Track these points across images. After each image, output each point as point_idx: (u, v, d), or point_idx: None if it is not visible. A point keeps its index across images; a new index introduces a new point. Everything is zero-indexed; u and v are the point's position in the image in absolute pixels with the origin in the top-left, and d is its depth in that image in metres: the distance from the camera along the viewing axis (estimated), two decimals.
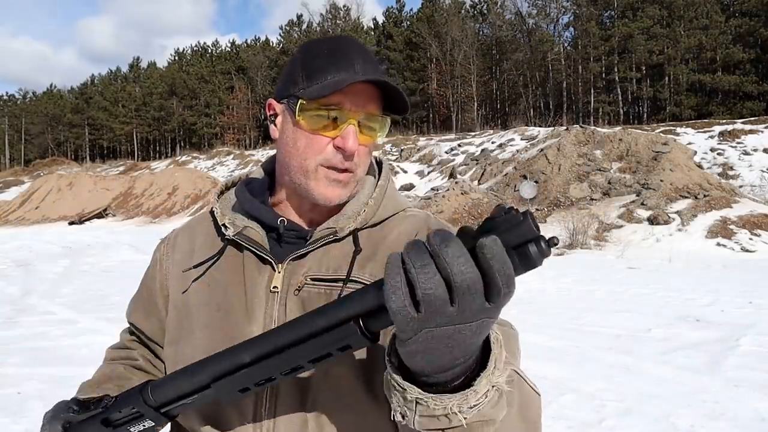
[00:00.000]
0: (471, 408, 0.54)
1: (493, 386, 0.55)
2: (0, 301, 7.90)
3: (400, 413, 0.57)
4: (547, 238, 0.51)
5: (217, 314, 0.84)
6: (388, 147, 28.51)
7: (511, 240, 0.50)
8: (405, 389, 0.55)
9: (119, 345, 1.01)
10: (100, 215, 27.67)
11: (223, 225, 0.87)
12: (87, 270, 11.22)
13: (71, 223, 25.96)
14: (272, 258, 0.83)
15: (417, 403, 0.54)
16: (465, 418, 0.54)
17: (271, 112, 0.88)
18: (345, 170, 0.82)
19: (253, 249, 0.85)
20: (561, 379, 4.37)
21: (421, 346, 0.51)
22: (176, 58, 70.49)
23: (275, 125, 0.87)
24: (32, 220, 28.49)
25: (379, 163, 0.97)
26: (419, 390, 0.54)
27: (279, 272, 0.83)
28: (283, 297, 0.82)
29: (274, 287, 0.82)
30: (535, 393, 0.70)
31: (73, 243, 17.32)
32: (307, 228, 0.87)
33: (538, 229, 0.50)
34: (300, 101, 0.80)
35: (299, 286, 0.82)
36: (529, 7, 53.87)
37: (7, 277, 10.28)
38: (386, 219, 0.89)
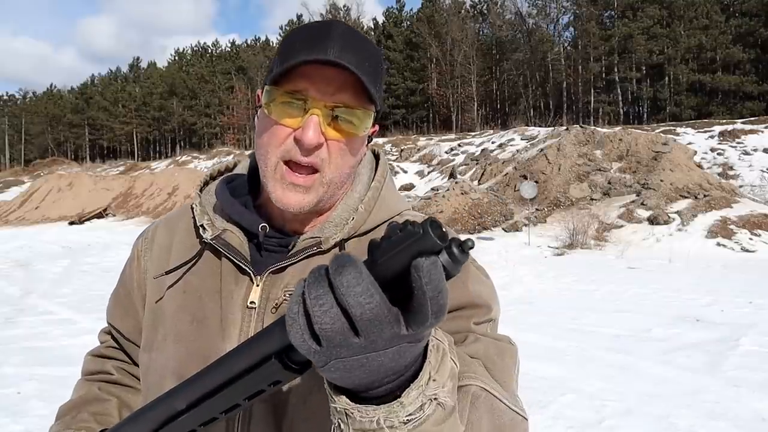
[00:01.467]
0: (405, 423, 0.48)
1: (433, 400, 0.49)
2: (0, 301, 7.90)
3: (337, 425, 0.52)
4: (460, 242, 0.45)
5: (191, 326, 0.78)
6: (387, 147, 28.51)
7: (406, 259, 0.44)
8: (335, 400, 0.50)
9: (96, 352, 0.98)
10: (100, 215, 27.66)
11: (201, 226, 0.80)
12: (87, 270, 11.21)
13: (71, 223, 25.95)
14: (251, 269, 0.77)
15: (346, 414, 0.49)
16: None
17: (258, 104, 0.79)
18: (310, 171, 0.73)
19: (231, 257, 0.78)
20: (561, 379, 4.38)
21: (335, 374, 0.47)
22: (176, 58, 70.55)
23: (257, 117, 0.79)
24: (32, 220, 28.48)
25: (377, 157, 0.88)
26: (346, 400, 0.49)
27: (257, 285, 0.76)
28: (261, 313, 0.75)
29: (251, 302, 0.76)
30: (518, 416, 0.64)
31: (73, 243, 17.32)
32: (291, 234, 0.80)
33: (444, 238, 0.44)
34: (266, 88, 0.72)
35: (277, 303, 0.74)
36: (529, 7, 53.91)
37: (7, 277, 10.28)
38: (378, 225, 0.80)
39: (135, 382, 0.93)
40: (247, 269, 0.77)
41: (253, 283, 0.77)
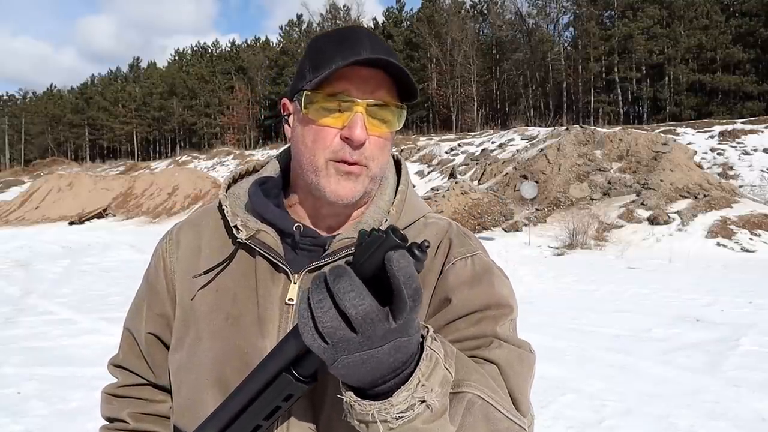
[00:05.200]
0: (397, 419, 0.56)
1: (422, 402, 0.56)
2: (0, 301, 7.90)
3: (346, 413, 0.60)
4: (419, 243, 0.55)
5: (226, 323, 0.80)
6: None
7: (380, 257, 0.53)
8: (343, 393, 0.58)
9: (111, 391, 0.96)
10: (100, 215, 27.67)
11: (235, 227, 0.82)
12: (87, 270, 11.22)
13: (71, 223, 25.96)
14: (288, 267, 0.79)
15: (351, 406, 0.57)
16: (391, 429, 0.56)
17: (286, 112, 0.84)
18: (356, 164, 0.76)
19: (268, 256, 0.80)
20: (561, 379, 4.37)
21: (343, 370, 0.54)
22: (176, 58, 70.53)
23: (289, 125, 0.83)
24: (32, 220, 28.48)
25: (398, 162, 0.92)
26: (351, 394, 0.57)
27: (295, 283, 0.78)
28: None
29: (290, 299, 0.78)
30: (515, 425, 0.68)
31: (73, 243, 17.32)
32: (324, 234, 0.83)
33: (405, 239, 0.54)
34: (305, 93, 0.76)
35: None
36: (529, 7, 53.94)
37: (7, 277, 10.28)
38: (407, 227, 0.85)
39: (154, 424, 0.93)
40: (284, 267, 0.79)
41: (290, 281, 0.79)
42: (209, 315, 0.82)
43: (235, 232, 0.82)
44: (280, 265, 0.79)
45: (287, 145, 0.88)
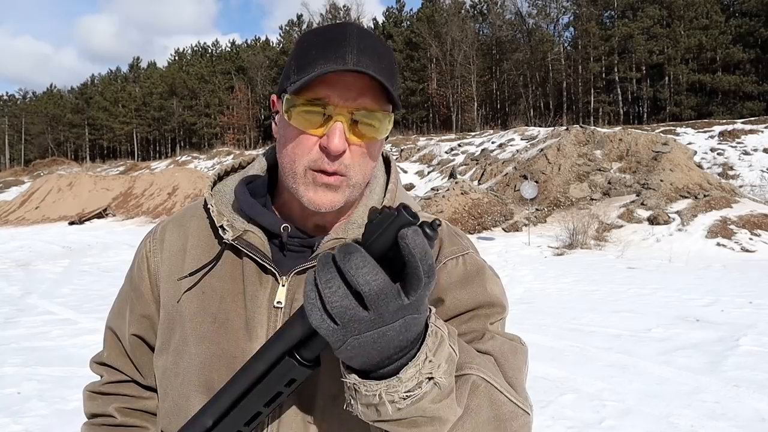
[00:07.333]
0: (405, 398, 0.54)
1: (430, 379, 0.55)
2: (0, 301, 7.90)
3: (349, 401, 0.58)
4: (429, 223, 0.54)
5: (213, 326, 0.78)
6: (388, 147, 28.49)
7: (392, 234, 0.52)
8: (346, 376, 0.57)
9: (94, 389, 0.94)
10: (100, 215, 27.65)
11: (221, 227, 0.79)
12: (87, 270, 11.21)
13: (71, 223, 25.93)
14: (276, 269, 0.77)
15: (355, 389, 0.56)
16: (399, 409, 0.54)
17: (274, 109, 0.81)
18: (335, 173, 0.73)
19: (255, 257, 0.77)
20: (561, 379, 4.38)
21: (352, 352, 0.53)
22: (176, 58, 70.52)
23: (275, 122, 0.80)
24: (32, 220, 28.46)
25: (387, 161, 0.89)
26: (356, 376, 0.56)
27: (283, 285, 0.77)
28: (287, 314, 0.76)
29: (278, 302, 0.76)
30: (519, 409, 0.68)
31: (73, 243, 17.32)
32: (312, 235, 0.80)
33: (416, 217, 0.52)
34: (286, 97, 0.72)
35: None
36: (529, 7, 53.98)
37: (7, 277, 10.28)
38: None
39: (142, 419, 0.90)
40: (272, 269, 0.77)
41: (278, 283, 0.77)
42: (195, 318, 0.80)
43: (221, 232, 0.79)
44: (268, 266, 0.77)
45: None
